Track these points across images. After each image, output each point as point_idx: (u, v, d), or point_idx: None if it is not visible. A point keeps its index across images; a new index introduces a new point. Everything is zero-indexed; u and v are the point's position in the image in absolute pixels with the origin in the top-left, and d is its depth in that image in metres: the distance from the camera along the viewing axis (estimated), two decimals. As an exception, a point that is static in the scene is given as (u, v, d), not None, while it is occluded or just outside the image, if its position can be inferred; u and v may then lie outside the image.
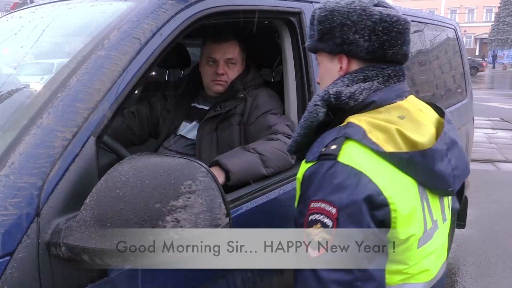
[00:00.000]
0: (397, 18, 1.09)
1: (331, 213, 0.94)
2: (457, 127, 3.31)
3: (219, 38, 1.88)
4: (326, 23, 1.12)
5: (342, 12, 1.09)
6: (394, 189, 0.98)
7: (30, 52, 1.42)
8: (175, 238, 0.82)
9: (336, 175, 0.96)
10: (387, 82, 1.11)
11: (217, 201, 0.86)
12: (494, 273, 3.53)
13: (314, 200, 0.98)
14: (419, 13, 3.07)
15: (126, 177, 0.87)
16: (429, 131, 1.10)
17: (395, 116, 1.07)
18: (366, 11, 1.08)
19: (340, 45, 1.11)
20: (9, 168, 0.92)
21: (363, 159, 0.99)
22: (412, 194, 1.02)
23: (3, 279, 0.85)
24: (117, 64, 1.10)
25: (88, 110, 1.03)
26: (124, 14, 1.23)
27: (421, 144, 1.03)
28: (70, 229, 0.89)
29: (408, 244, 1.02)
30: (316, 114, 1.09)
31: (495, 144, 8.39)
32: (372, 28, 1.07)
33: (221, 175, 1.50)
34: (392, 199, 0.97)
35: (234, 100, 1.87)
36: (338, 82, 1.11)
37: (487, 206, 4.98)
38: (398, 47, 1.10)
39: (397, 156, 1.00)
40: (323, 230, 0.95)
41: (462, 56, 3.72)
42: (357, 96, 1.07)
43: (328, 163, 0.98)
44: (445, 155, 1.07)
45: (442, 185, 1.09)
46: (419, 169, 1.02)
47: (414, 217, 1.02)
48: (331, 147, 1.00)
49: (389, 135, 1.02)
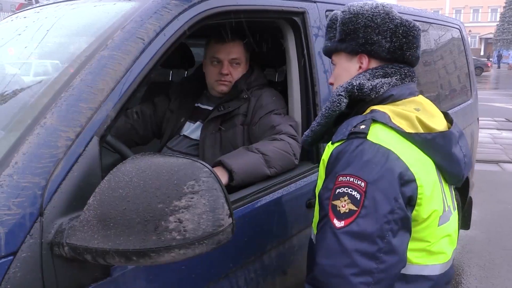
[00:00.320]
0: (413, 24, 1.21)
1: (360, 186, 1.00)
2: (462, 127, 3.30)
3: (223, 38, 1.88)
4: (349, 25, 1.21)
5: (366, 15, 1.19)
6: (419, 167, 1.05)
7: (35, 52, 1.42)
8: (177, 238, 0.82)
9: (365, 152, 1.03)
10: (404, 79, 1.21)
11: (220, 202, 0.85)
12: (499, 275, 3.51)
13: (342, 175, 1.03)
14: (424, 13, 3.05)
15: (129, 177, 0.86)
16: (442, 122, 1.20)
17: (411, 108, 1.16)
18: (389, 15, 1.19)
19: (363, 45, 1.21)
20: (12, 167, 0.92)
21: (390, 139, 1.06)
22: (433, 173, 1.11)
23: (7, 278, 0.85)
24: (120, 64, 1.10)
25: (92, 110, 1.03)
26: (128, 14, 1.23)
27: (437, 131, 1.12)
28: (73, 229, 0.89)
29: (430, 221, 1.09)
30: (339, 104, 1.16)
31: (500, 145, 8.34)
32: (393, 31, 1.19)
33: (225, 175, 1.50)
34: (418, 175, 1.04)
35: (238, 100, 1.87)
36: (360, 76, 1.20)
37: (492, 207, 4.95)
38: (414, 49, 1.22)
39: (421, 136, 1.09)
40: (350, 202, 1.00)
41: (467, 56, 3.70)
42: (379, 89, 1.16)
43: (358, 141, 1.05)
44: (457, 143, 1.17)
45: (456, 168, 1.18)
46: (439, 150, 1.12)
47: (436, 194, 1.10)
48: (361, 126, 1.08)
49: (410, 122, 1.11)
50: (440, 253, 1.15)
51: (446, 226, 1.16)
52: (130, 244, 0.82)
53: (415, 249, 1.09)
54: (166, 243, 0.81)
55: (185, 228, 0.82)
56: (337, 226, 0.99)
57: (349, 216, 0.99)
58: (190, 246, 0.82)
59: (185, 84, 2.16)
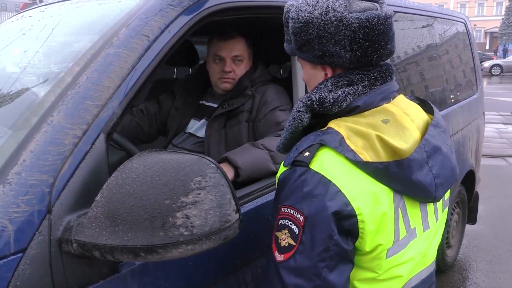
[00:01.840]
0: (377, 19, 1.01)
1: (298, 220, 0.95)
2: (468, 122, 3.29)
3: (225, 36, 1.87)
4: (302, 35, 1.06)
5: (317, 24, 1.02)
6: (364, 200, 0.96)
7: (41, 51, 1.43)
8: (185, 234, 0.82)
9: (307, 183, 0.96)
10: (373, 85, 1.07)
11: (227, 197, 0.85)
12: (506, 269, 3.50)
13: (284, 205, 0.98)
14: (429, 7, 3.03)
15: (136, 173, 0.87)
16: (413, 137, 1.05)
17: (379, 120, 1.03)
18: (343, 21, 1.00)
19: (321, 57, 1.06)
20: (20, 165, 0.93)
21: (336, 167, 0.97)
22: (384, 204, 0.99)
23: (16, 275, 0.85)
24: (126, 62, 1.10)
25: (98, 107, 1.03)
26: (133, 12, 1.23)
27: (401, 151, 0.99)
28: (81, 225, 0.89)
29: (375, 254, 1.00)
30: (300, 120, 1.07)
31: (506, 139, 8.30)
32: (352, 38, 1.01)
33: (231, 171, 1.51)
34: (360, 210, 0.95)
35: (242, 97, 1.87)
36: (321, 87, 1.07)
37: (498, 202, 4.93)
38: (382, 49, 1.04)
39: (371, 166, 0.97)
40: (289, 236, 0.95)
41: (473, 50, 3.68)
42: (341, 102, 1.04)
43: (300, 170, 0.98)
44: (426, 163, 1.02)
45: (421, 194, 1.04)
46: (395, 178, 0.99)
47: (383, 228, 0.99)
48: (305, 153, 0.99)
49: (368, 142, 0.99)
50: (392, 279, 1.06)
51: (399, 255, 1.04)
52: (138, 240, 0.83)
53: (362, 279, 1.04)
54: (173, 239, 0.82)
55: (192, 224, 0.82)
56: (278, 260, 0.96)
57: (288, 251, 0.95)
58: (198, 242, 0.82)
59: (190, 81, 2.17)
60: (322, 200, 0.93)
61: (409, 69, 2.63)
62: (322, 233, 0.93)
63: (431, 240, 1.16)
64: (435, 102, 2.88)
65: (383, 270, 1.03)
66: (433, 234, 1.16)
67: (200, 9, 1.29)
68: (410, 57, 2.63)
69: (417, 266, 1.13)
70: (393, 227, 1.01)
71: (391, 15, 1.04)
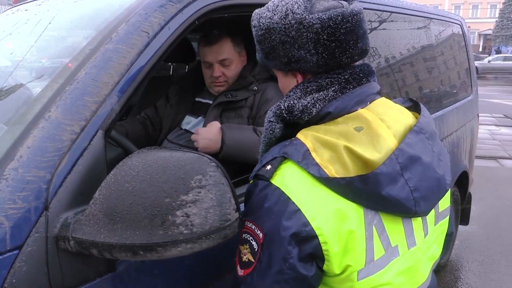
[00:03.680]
0: (341, 17, 0.94)
1: (258, 237, 0.90)
2: (462, 123, 3.31)
3: (209, 40, 1.84)
4: (266, 43, 1.01)
5: (278, 29, 0.97)
6: (326, 219, 0.87)
7: (37, 46, 1.41)
8: (184, 232, 0.81)
9: (268, 198, 0.90)
10: (345, 89, 0.99)
11: (227, 196, 0.85)
12: (498, 270, 3.53)
13: (247, 219, 0.94)
14: (425, 8, 3.04)
15: (135, 171, 0.86)
16: (388, 146, 0.94)
17: (351, 127, 0.95)
18: (303, 23, 0.94)
19: (288, 63, 1.00)
20: (17, 161, 0.92)
21: (297, 183, 0.90)
22: (351, 222, 0.89)
23: (12, 272, 0.84)
24: (125, 58, 1.09)
25: (97, 103, 1.02)
26: (132, 7, 1.22)
27: (373, 162, 0.90)
28: (79, 223, 0.88)
29: (345, 276, 0.92)
30: (272, 131, 1.01)
31: (498, 141, 8.36)
32: (315, 39, 0.94)
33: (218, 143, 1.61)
34: (321, 230, 0.87)
35: (247, 91, 1.86)
36: (290, 94, 1.01)
37: (491, 203, 4.97)
38: (352, 48, 0.97)
39: (333, 181, 0.89)
40: (249, 252, 0.92)
41: (468, 52, 3.70)
42: (310, 110, 0.97)
43: (262, 184, 0.92)
44: (400, 176, 0.91)
45: (397, 210, 0.93)
46: (361, 195, 0.89)
47: (351, 249, 0.90)
48: (267, 167, 0.93)
49: (336, 153, 0.91)
50: None
51: (376, 276, 0.94)
52: (137, 239, 0.82)
53: None
54: (173, 237, 0.81)
55: (192, 223, 0.81)
56: (239, 274, 0.94)
57: (248, 267, 0.92)
58: (197, 241, 0.82)
59: (185, 79, 2.16)
60: (279, 219, 0.87)
61: (404, 70, 2.64)
62: (278, 254, 0.88)
63: (420, 257, 1.05)
64: (430, 103, 2.90)
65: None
66: (423, 251, 1.05)
67: (200, 6, 1.28)
68: (405, 58, 2.63)
69: (408, 285, 1.03)
70: (364, 247, 0.91)
71: (358, 11, 0.97)
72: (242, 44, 1.95)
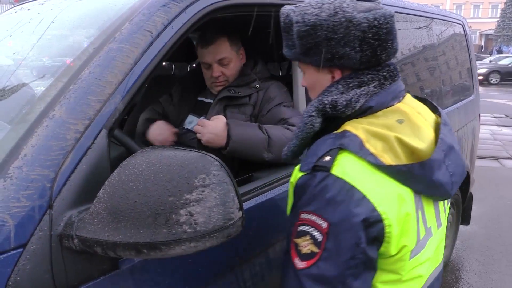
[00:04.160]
0: (384, 18, 1.01)
1: (321, 227, 0.92)
2: (463, 123, 3.31)
3: (206, 41, 1.83)
4: (309, 39, 1.04)
5: (325, 26, 1.00)
6: (389, 204, 0.94)
7: (40, 45, 1.41)
8: (188, 231, 0.82)
9: (329, 189, 0.93)
10: (383, 84, 1.06)
11: (231, 195, 0.85)
12: (498, 270, 3.53)
13: (305, 211, 0.95)
14: (427, 8, 3.04)
15: (139, 170, 0.86)
16: (428, 136, 1.05)
17: (393, 120, 1.03)
18: (353, 21, 0.99)
19: (330, 59, 1.04)
20: (21, 160, 0.92)
21: (358, 172, 0.95)
22: (408, 206, 0.98)
23: (16, 270, 0.85)
24: (128, 57, 1.09)
25: (100, 102, 1.02)
26: (135, 7, 1.22)
27: (420, 151, 0.99)
28: (83, 221, 0.89)
29: (399, 256, 0.99)
30: (312, 125, 1.05)
31: (499, 141, 8.36)
32: (361, 38, 1.00)
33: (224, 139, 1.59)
34: (386, 214, 0.93)
35: (249, 88, 1.86)
36: (332, 89, 1.06)
37: (492, 203, 4.97)
38: (390, 47, 1.04)
39: (394, 169, 0.96)
40: (312, 243, 0.93)
41: (470, 52, 3.69)
42: (354, 104, 1.02)
43: (321, 175, 0.95)
44: (443, 163, 1.01)
45: (440, 193, 1.05)
46: (417, 180, 0.98)
47: (407, 229, 0.98)
48: (325, 158, 0.96)
49: (387, 144, 0.98)
50: (413, 279, 1.06)
51: (421, 255, 1.05)
52: (140, 237, 0.82)
53: (386, 281, 1.02)
54: (177, 236, 0.81)
55: (196, 221, 0.82)
56: (298, 267, 0.93)
57: (310, 258, 0.92)
58: (201, 239, 0.82)
59: (187, 78, 2.16)
60: (347, 207, 0.91)
61: (406, 69, 2.64)
62: (349, 241, 0.91)
63: (441, 237, 1.17)
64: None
65: (406, 271, 1.02)
66: (443, 231, 1.17)
67: (203, 5, 1.28)
68: (406, 58, 2.63)
69: (432, 264, 1.13)
70: (416, 227, 1.01)
71: (393, 14, 1.05)
72: (239, 42, 1.94)
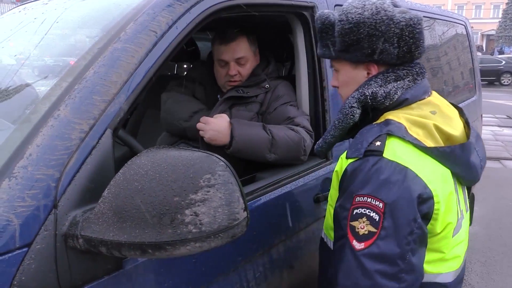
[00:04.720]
0: (417, 19, 1.12)
1: (378, 207, 0.98)
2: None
3: (226, 38, 1.81)
4: (351, 35, 1.13)
5: (368, 23, 1.11)
6: (436, 182, 1.03)
7: (45, 45, 1.41)
8: (193, 231, 0.82)
9: (382, 171, 1.00)
10: (416, 79, 1.16)
11: (236, 195, 0.85)
12: (500, 271, 3.53)
13: (359, 195, 1.01)
14: (429, 8, 3.04)
15: (144, 170, 0.86)
16: (459, 125, 1.17)
17: (427, 111, 1.13)
18: (393, 19, 1.10)
19: (370, 55, 1.14)
20: (26, 159, 0.92)
21: (407, 154, 1.03)
22: (450, 185, 1.08)
23: (21, 270, 0.85)
24: (133, 57, 1.09)
25: (105, 102, 1.02)
26: (140, 7, 1.22)
27: (456, 137, 1.10)
28: (88, 221, 0.89)
29: (444, 234, 1.07)
30: (352, 116, 1.14)
31: (501, 142, 8.34)
32: (400, 35, 1.11)
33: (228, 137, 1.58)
34: (436, 191, 1.01)
35: (258, 88, 1.85)
36: (371, 83, 1.15)
37: (493, 204, 4.97)
38: (421, 46, 1.15)
39: (440, 150, 1.06)
40: (369, 224, 0.98)
41: (472, 52, 3.69)
42: (393, 96, 1.13)
43: (373, 159, 1.02)
44: (474, 148, 1.14)
45: (472, 175, 1.16)
46: (458, 161, 1.09)
47: (451, 207, 1.07)
48: (376, 143, 1.05)
49: (427, 131, 1.08)
50: (454, 258, 1.14)
51: (459, 234, 1.14)
52: (145, 237, 0.82)
53: (430, 260, 1.08)
54: (182, 236, 0.81)
55: (201, 222, 0.82)
56: (357, 248, 0.98)
57: (369, 238, 0.98)
58: (206, 239, 0.82)
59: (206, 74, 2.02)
60: (402, 185, 0.98)
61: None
62: (406, 217, 0.97)
63: (467, 224, 1.25)
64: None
65: (449, 249, 1.11)
66: (468, 218, 1.26)
67: (207, 5, 1.28)
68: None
69: (465, 246, 1.21)
70: (457, 207, 1.11)
71: (422, 18, 1.16)
72: (256, 43, 1.92)
